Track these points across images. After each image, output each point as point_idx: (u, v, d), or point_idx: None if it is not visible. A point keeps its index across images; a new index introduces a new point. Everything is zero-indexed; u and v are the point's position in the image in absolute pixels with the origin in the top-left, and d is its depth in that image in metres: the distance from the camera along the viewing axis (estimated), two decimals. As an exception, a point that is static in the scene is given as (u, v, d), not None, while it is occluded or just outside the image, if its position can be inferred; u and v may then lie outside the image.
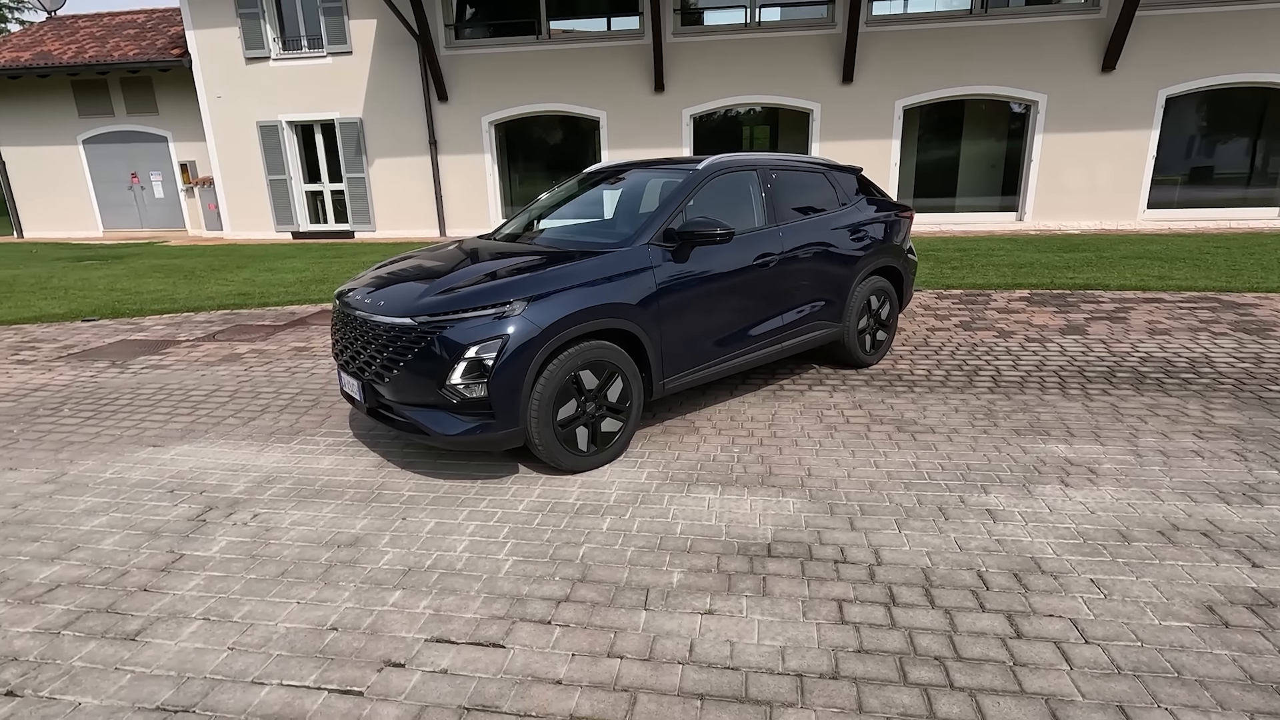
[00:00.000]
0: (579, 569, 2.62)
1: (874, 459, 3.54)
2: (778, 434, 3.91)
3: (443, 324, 3.09)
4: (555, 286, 3.23)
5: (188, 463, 3.72)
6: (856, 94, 12.85)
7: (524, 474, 3.46)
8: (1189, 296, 6.83)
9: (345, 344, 3.52)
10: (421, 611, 2.39)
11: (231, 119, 14.90)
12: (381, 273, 3.78)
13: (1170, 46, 11.75)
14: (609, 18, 13.86)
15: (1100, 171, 12.47)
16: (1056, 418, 4.02)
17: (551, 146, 14.86)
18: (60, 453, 3.90)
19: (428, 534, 2.92)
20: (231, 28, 14.40)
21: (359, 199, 14.95)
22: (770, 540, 2.79)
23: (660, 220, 3.69)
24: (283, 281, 9.35)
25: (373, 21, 13.91)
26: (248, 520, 3.07)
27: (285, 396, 4.80)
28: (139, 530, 3.00)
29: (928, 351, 5.43)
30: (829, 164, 4.89)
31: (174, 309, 7.78)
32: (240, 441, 4.01)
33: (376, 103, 14.30)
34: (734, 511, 3.04)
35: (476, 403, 3.10)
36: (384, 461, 3.68)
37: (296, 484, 3.44)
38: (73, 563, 2.75)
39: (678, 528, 2.91)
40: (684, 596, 2.43)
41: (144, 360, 5.83)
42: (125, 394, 4.94)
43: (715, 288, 3.83)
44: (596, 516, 3.03)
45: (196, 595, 2.51)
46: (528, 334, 3.10)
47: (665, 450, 3.73)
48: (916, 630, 2.21)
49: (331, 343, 3.79)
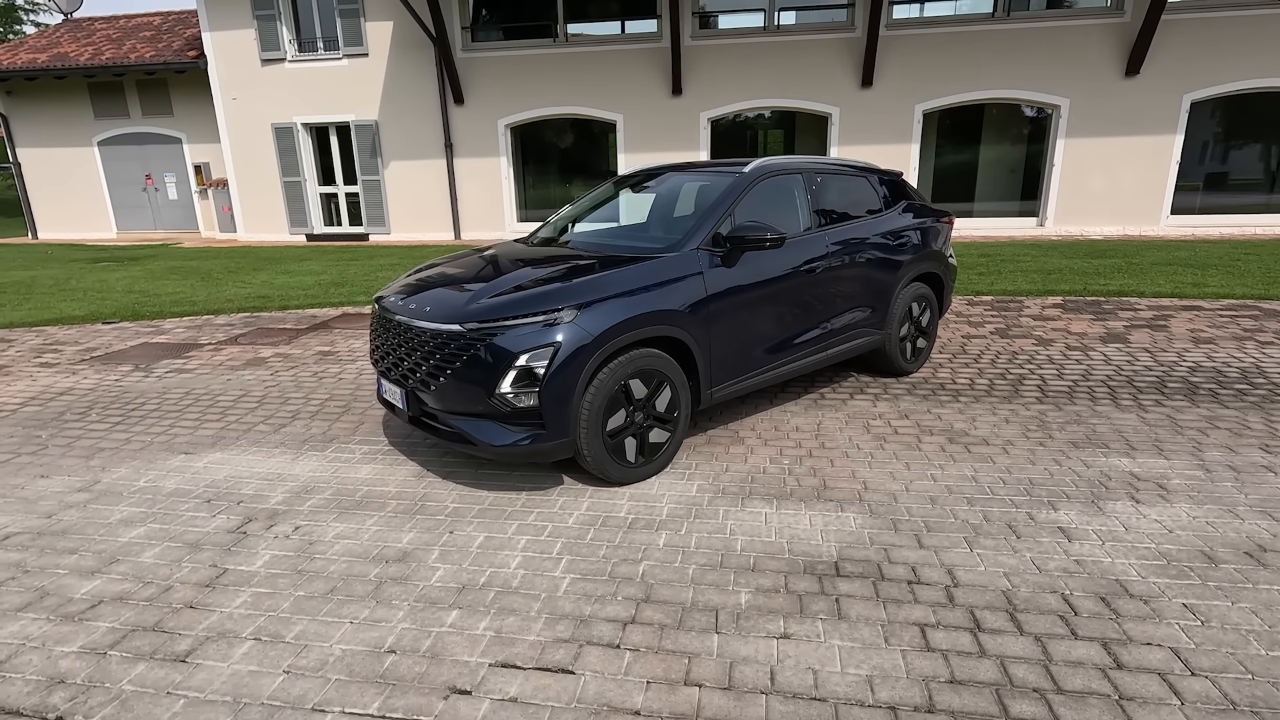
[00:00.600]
0: (641, 588, 2.51)
1: (930, 472, 3.43)
2: (826, 445, 3.80)
3: (492, 331, 2.99)
4: (607, 293, 3.13)
5: (222, 471, 3.63)
6: (876, 98, 12.74)
7: (569, 485, 3.36)
8: (1227, 304, 6.70)
9: (386, 350, 3.43)
10: (482, 633, 2.28)
11: (246, 121, 14.88)
12: (423, 277, 3.68)
13: (1195, 51, 11.61)
14: (625, 21, 13.80)
15: (1123, 177, 12.33)
16: (1113, 430, 3.90)
17: (567, 149, 14.79)
18: (91, 459, 3.81)
19: (478, 549, 2.81)
20: (247, 30, 14.38)
21: (374, 202, 14.90)
22: (836, 558, 2.68)
23: (709, 225, 3.58)
24: (301, 284, 9.28)
25: (389, 23, 13.87)
26: (289, 533, 2.97)
27: (315, 402, 4.71)
28: (179, 543, 2.90)
29: (966, 360, 5.30)
30: (870, 168, 4.79)
31: (193, 311, 7.72)
32: (273, 449, 3.92)
33: (392, 105, 14.25)
34: (794, 527, 2.93)
35: (527, 412, 3.00)
36: (423, 471, 3.58)
37: (336, 494, 3.34)
38: (114, 577, 2.65)
39: (738, 544, 2.80)
40: (755, 619, 2.32)
41: (167, 364, 5.75)
42: (152, 399, 4.85)
43: (763, 294, 3.73)
44: (651, 531, 2.92)
45: (245, 613, 2.41)
46: (579, 341, 3.00)
47: (712, 461, 3.62)
48: (1009, 659, 2.10)
49: (370, 349, 3.70)
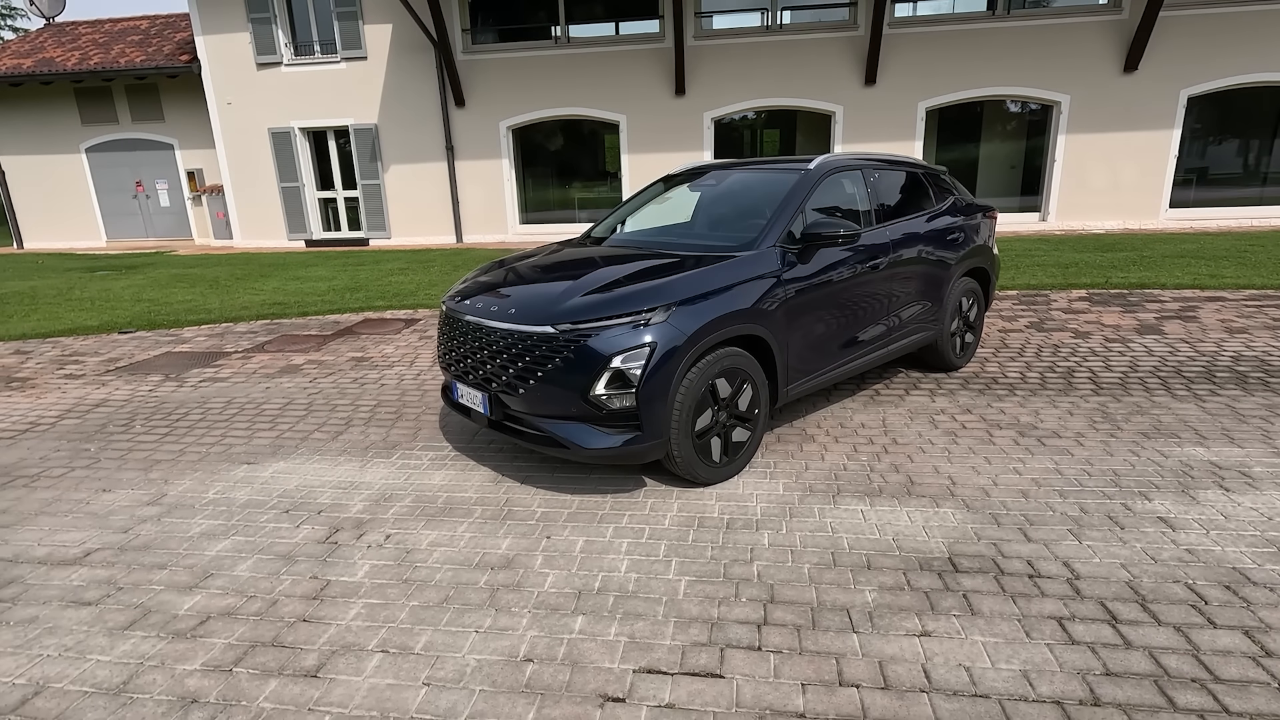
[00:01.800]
0: (763, 589, 2.48)
1: (1012, 466, 3.43)
2: (898, 441, 3.79)
3: (586, 332, 2.94)
4: (696, 292, 3.10)
5: (290, 480, 3.54)
6: (879, 96, 12.83)
7: (653, 487, 3.32)
8: (1250, 295, 6.81)
9: (464, 354, 3.36)
10: (615, 639, 2.24)
11: (242, 126, 14.64)
12: (495, 278, 3.62)
13: (1192, 46, 11.82)
14: (625, 22, 13.77)
15: (1123, 171, 12.51)
16: (1178, 420, 3.93)
17: (570, 151, 14.72)
18: (150, 472, 3.71)
19: (581, 553, 2.77)
20: (242, 33, 14.16)
21: (374, 206, 14.73)
22: (948, 554, 2.67)
23: (783, 222, 3.57)
24: (314, 290, 9.14)
25: (387, 26, 13.73)
26: (381, 542, 2.91)
27: (364, 409, 4.63)
28: (270, 555, 2.82)
29: (1010, 354, 5.34)
30: (918, 163, 4.80)
31: (210, 319, 7.56)
32: (337, 457, 3.84)
33: (392, 108, 14.10)
34: (894, 524, 2.91)
35: (622, 414, 2.96)
36: (498, 476, 3.52)
37: (416, 502, 3.27)
38: (214, 591, 2.57)
39: (844, 542, 2.78)
40: (889, 617, 2.30)
41: (198, 373, 5.62)
42: (193, 408, 4.74)
43: (833, 291, 3.72)
44: (752, 531, 2.89)
45: (364, 625, 2.34)
46: (674, 341, 2.96)
47: (789, 460, 3.60)
48: (1157, 650, 2.09)
49: (440, 352, 3.63)
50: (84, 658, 2.22)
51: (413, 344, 6.32)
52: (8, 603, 2.54)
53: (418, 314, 7.61)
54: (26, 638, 2.33)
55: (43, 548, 2.93)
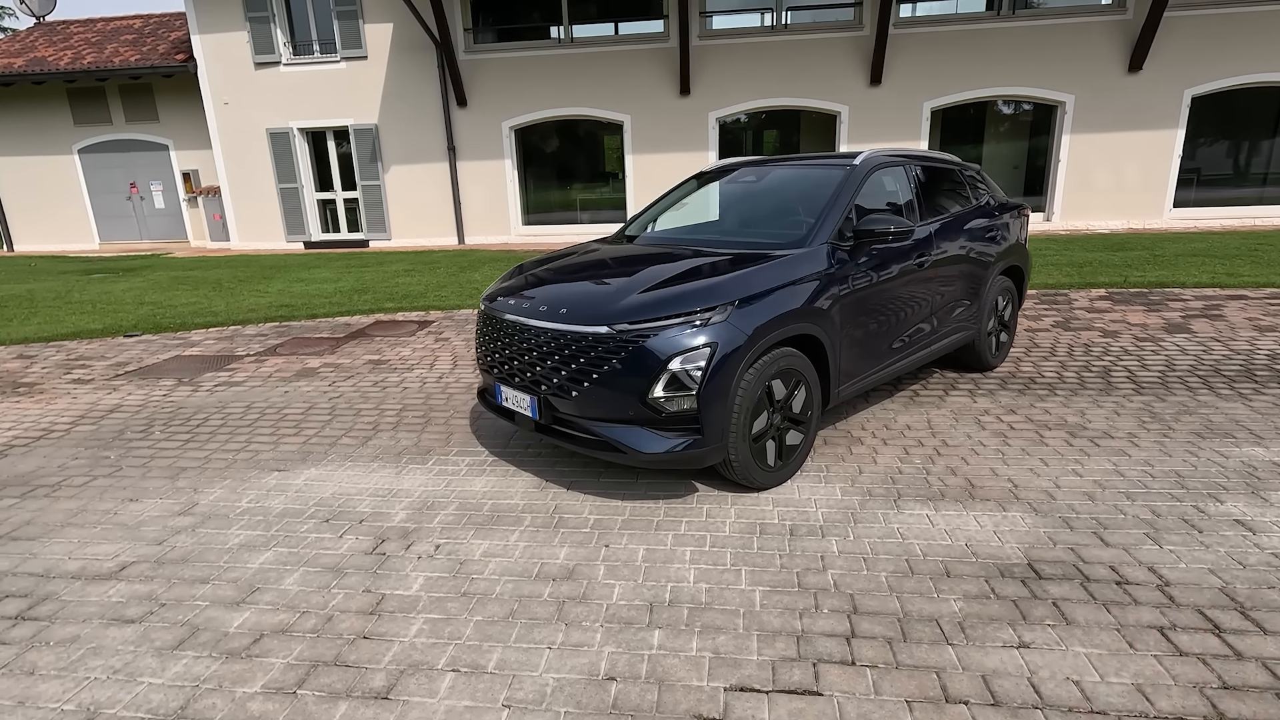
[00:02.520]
0: (843, 599, 2.38)
1: (1070, 468, 3.35)
2: (948, 443, 3.71)
3: (645, 332, 2.83)
4: (754, 290, 2.99)
5: (326, 488, 3.41)
6: (885, 96, 12.80)
7: (706, 492, 3.21)
8: (1272, 293, 6.78)
9: (508, 356, 3.24)
10: (698, 654, 2.13)
11: (239, 126, 14.43)
12: (537, 276, 3.50)
13: (1196, 46, 11.86)
14: (629, 22, 13.69)
15: (1128, 171, 12.54)
16: (1228, 419, 3.87)
17: (573, 151, 14.61)
18: (177, 480, 3.56)
19: (644, 563, 2.65)
20: (239, 32, 13.96)
21: (374, 207, 14.55)
22: (1026, 560, 2.58)
23: (835, 219, 3.47)
24: (320, 292, 8.97)
25: (388, 26, 13.57)
26: (432, 552, 2.78)
27: (390, 414, 4.49)
28: (316, 567, 2.69)
29: (1042, 353, 5.27)
30: (955, 160, 4.73)
31: (217, 322, 7.39)
32: (369, 463, 3.71)
33: (393, 108, 13.94)
34: (964, 529, 2.82)
35: (682, 417, 2.85)
36: (542, 481, 3.40)
37: (460, 509, 3.15)
38: (263, 607, 2.44)
39: (916, 549, 2.69)
40: (981, 628, 2.20)
41: (212, 377, 5.47)
42: (212, 414, 4.59)
43: (882, 289, 3.63)
44: (818, 538, 2.79)
45: (429, 642, 2.22)
46: (735, 341, 2.86)
47: (840, 463, 3.50)
48: (1270, 660, 2.01)
49: (480, 354, 3.51)
50: (135, 680, 2.09)
51: (429, 346, 6.18)
52: (45, 621, 2.40)
53: (430, 316, 7.47)
54: (70, 659, 2.19)
55: (74, 561, 2.79)
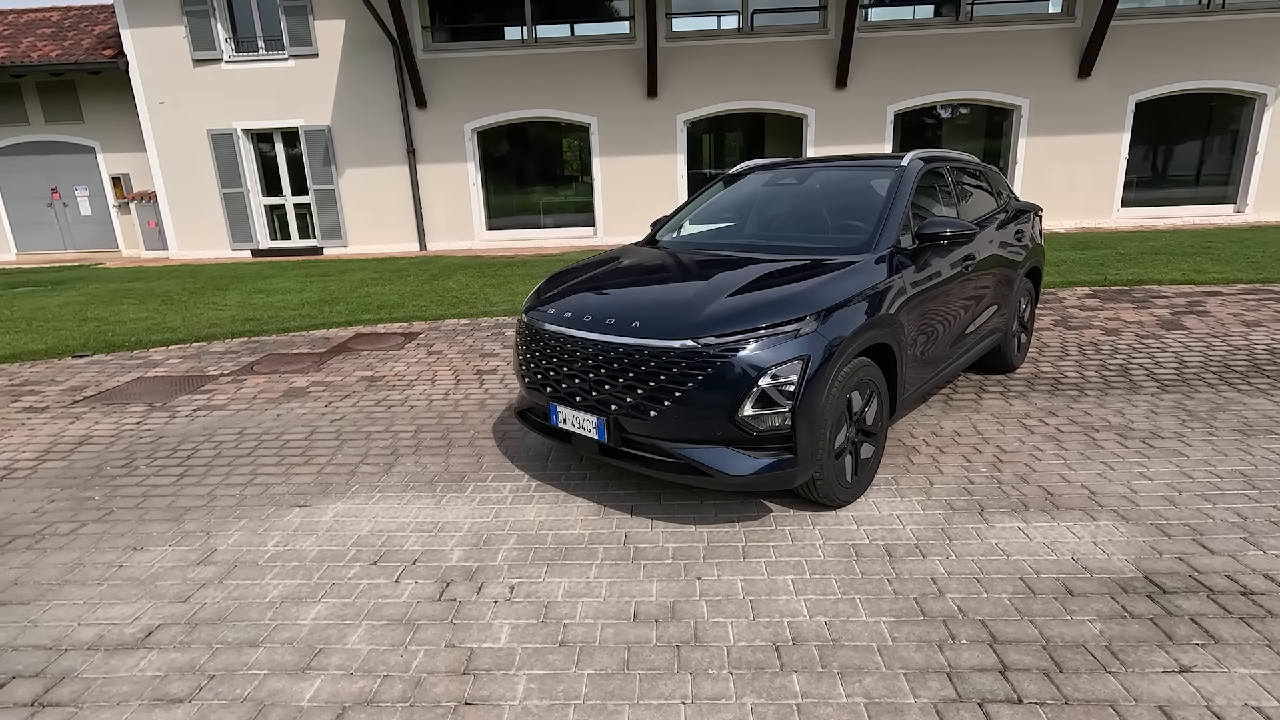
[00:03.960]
0: (976, 627, 2.23)
1: (1136, 471, 3.32)
2: (1005, 449, 3.64)
3: (734, 345, 2.63)
4: (839, 298, 2.83)
5: (361, 524, 3.07)
6: (850, 99, 12.96)
7: (780, 513, 3.03)
8: (1242, 289, 7.08)
9: (568, 374, 2.98)
10: (850, 700, 1.94)
11: (177, 127, 13.51)
12: (595, 287, 3.25)
13: (1140, 54, 12.45)
14: (595, 23, 13.47)
15: (1079, 173, 13.06)
16: (1261, 415, 3.94)
17: (539, 154, 14.26)
18: (182, 523, 3.16)
19: (747, 596, 2.45)
20: (176, 26, 13.06)
21: (328, 213, 13.85)
22: (1141, 573, 2.49)
23: (896, 223, 3.35)
24: (286, 304, 8.41)
25: (340, 22, 12.94)
26: (508, 595, 2.51)
27: (405, 436, 4.15)
28: (381, 620, 2.38)
29: (1054, 353, 5.31)
30: (980, 162, 4.70)
31: (176, 339, 6.80)
32: (402, 493, 3.38)
33: (347, 109, 13.30)
34: (1063, 542, 2.72)
35: (773, 436, 2.66)
36: (600, 507, 3.16)
37: (522, 543, 2.88)
38: (335, 673, 2.12)
39: (1025, 565, 2.57)
40: (1132, 652, 2.09)
41: (188, 401, 4.97)
42: (201, 443, 4.14)
43: (941, 292, 3.53)
44: (919, 559, 2.64)
45: (544, 705, 1.96)
46: (826, 352, 2.69)
47: (906, 474, 3.38)
48: None
49: (525, 371, 3.23)
50: (206, 778, 1.76)
51: (423, 361, 5.81)
52: (72, 707, 2.02)
53: (414, 327, 7.07)
54: (117, 756, 1.84)
55: (88, 628, 2.39)
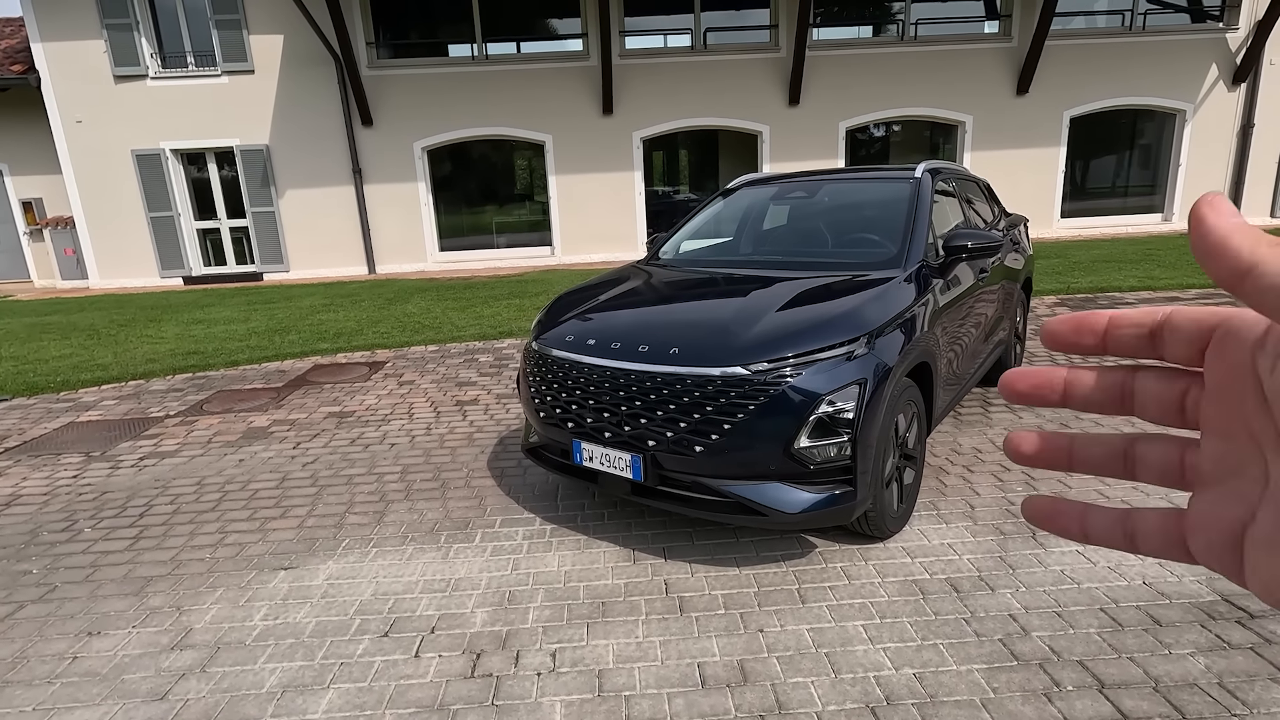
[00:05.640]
0: (1076, 670, 2.06)
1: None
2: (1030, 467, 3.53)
3: (788, 371, 2.41)
4: (885, 317, 2.66)
5: (361, 588, 2.70)
6: (803, 116, 13.12)
7: (824, 548, 2.82)
8: (1199, 295, 7.36)
9: (597, 409, 2.70)
10: (974, 771, 1.72)
11: (97, 148, 12.57)
12: (617, 310, 2.98)
13: (1072, 72, 13.05)
14: (548, 40, 13.28)
15: (1022, 185, 13.54)
16: (1263, 419, 3.97)
17: (493, 173, 13.89)
18: (145, 597, 2.71)
19: (820, 649, 2.22)
20: (95, 41, 12.19)
21: (267, 236, 13.10)
22: (1218, 595, 2.38)
23: (922, 236, 3.22)
24: (231, 335, 7.79)
25: (278, 37, 12.34)
26: (551, 665, 2.20)
27: (391, 479, 3.77)
28: (409, 707, 2.04)
29: (1044, 362, 5.33)
30: (971, 173, 4.68)
31: (109, 377, 6.16)
32: (401, 547, 3.01)
33: (286, 127, 12.65)
34: (1127, 564, 2.60)
35: (832, 467, 2.45)
36: (629, 552, 2.88)
37: (552, 599, 2.57)
38: (366, 783, 1.77)
39: (1099, 594, 2.43)
40: (1247, 689, 1.95)
41: (131, 448, 4.44)
42: (154, 497, 3.66)
43: (964, 306, 3.42)
44: (989, 593, 2.47)
45: (629, 806, 1.67)
46: (880, 375, 2.51)
47: (943, 497, 3.23)
48: None
49: (539, 406, 2.93)
50: None
51: (395, 392, 5.40)
52: None
53: (377, 355, 6.62)
54: None
55: (42, 745, 1.96)
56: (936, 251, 3.26)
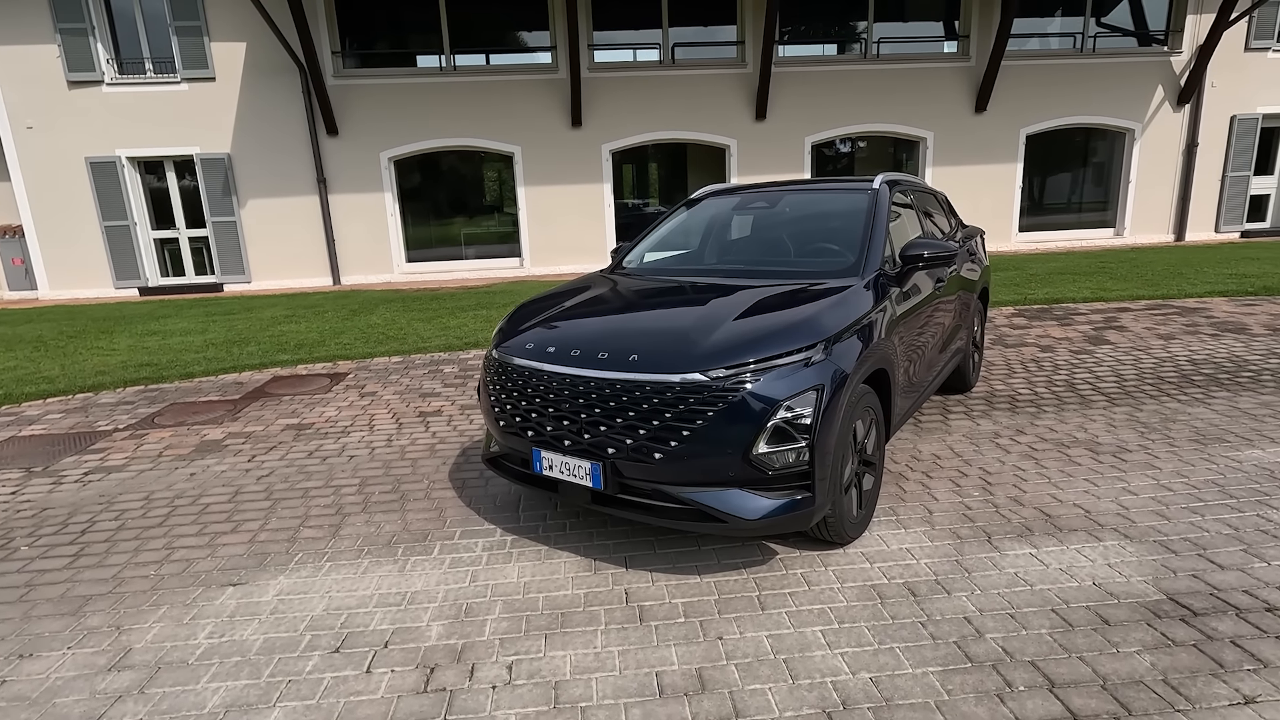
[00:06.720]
0: (1028, 670, 2.08)
1: (1119, 487, 3.34)
2: (988, 470, 3.60)
3: (746, 377, 2.42)
4: (843, 324, 2.69)
5: (313, 603, 2.63)
6: (770, 130, 13.32)
7: (785, 554, 2.83)
8: (1146, 305, 7.61)
9: (556, 416, 2.68)
10: (927, 774, 1.73)
11: (48, 154, 12.21)
12: (578, 318, 2.96)
13: (1027, 92, 13.48)
14: (517, 53, 13.30)
15: (981, 200, 13.91)
16: (1207, 424, 4.10)
17: (461, 184, 13.80)
18: (84, 616, 2.60)
19: (778, 656, 2.21)
20: (48, 45, 11.88)
21: (228, 246, 12.82)
22: (1165, 594, 2.44)
23: (880, 244, 3.28)
24: (188, 346, 7.58)
25: (240, 45, 12.15)
26: (507, 677, 2.16)
27: (349, 491, 3.69)
28: (358, 724, 1.98)
29: (1002, 371, 5.44)
30: (932, 186, 4.78)
31: (55, 390, 5.95)
32: (356, 560, 2.94)
33: (249, 136, 12.43)
34: (1078, 566, 2.65)
35: (790, 473, 2.45)
36: (590, 561, 2.85)
37: (510, 610, 2.53)
38: (310, 804, 1.71)
39: (1051, 595, 2.47)
40: (1190, 685, 1.99)
41: (76, 463, 4.28)
42: (98, 513, 3.52)
43: (921, 314, 3.49)
44: (945, 597, 2.49)
45: (582, 819, 1.63)
46: (838, 380, 2.53)
47: (902, 503, 3.26)
48: None
49: (500, 414, 2.90)
50: None
51: (356, 403, 5.30)
52: None
53: (339, 367, 6.50)
54: None
55: (-37, 774, 1.86)
56: (894, 261, 3.31)
